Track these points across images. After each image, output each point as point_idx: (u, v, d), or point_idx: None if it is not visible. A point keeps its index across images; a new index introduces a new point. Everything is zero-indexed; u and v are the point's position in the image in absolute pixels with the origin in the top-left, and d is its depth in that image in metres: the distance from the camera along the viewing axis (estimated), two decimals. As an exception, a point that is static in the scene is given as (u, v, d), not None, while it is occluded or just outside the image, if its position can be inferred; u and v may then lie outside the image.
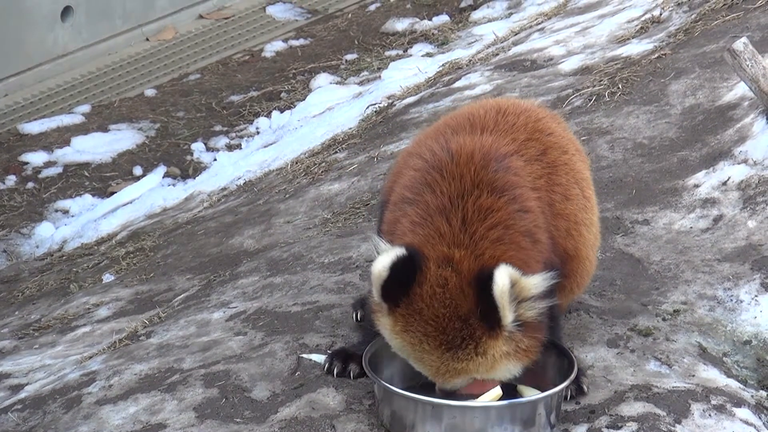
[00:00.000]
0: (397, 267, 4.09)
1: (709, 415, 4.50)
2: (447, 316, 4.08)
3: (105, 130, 9.61)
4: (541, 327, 4.19)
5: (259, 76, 10.31)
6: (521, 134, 4.46)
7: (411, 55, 10.06)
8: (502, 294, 4.00)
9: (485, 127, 4.44)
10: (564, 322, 4.88)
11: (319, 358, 4.74)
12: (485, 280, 4.02)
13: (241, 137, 9.40)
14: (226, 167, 8.51)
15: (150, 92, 10.13)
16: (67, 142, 9.43)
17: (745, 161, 5.74)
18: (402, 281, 4.11)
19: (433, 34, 10.49)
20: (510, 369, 4.19)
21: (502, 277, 4.00)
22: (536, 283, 4.08)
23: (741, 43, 5.70)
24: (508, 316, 4.04)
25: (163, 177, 8.94)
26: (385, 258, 4.09)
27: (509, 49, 8.02)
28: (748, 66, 5.69)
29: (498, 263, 4.03)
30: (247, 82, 10.21)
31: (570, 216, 4.49)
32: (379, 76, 9.43)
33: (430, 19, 10.76)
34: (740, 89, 6.18)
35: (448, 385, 4.20)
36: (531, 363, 4.23)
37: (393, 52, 10.31)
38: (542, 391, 4.36)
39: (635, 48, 7.19)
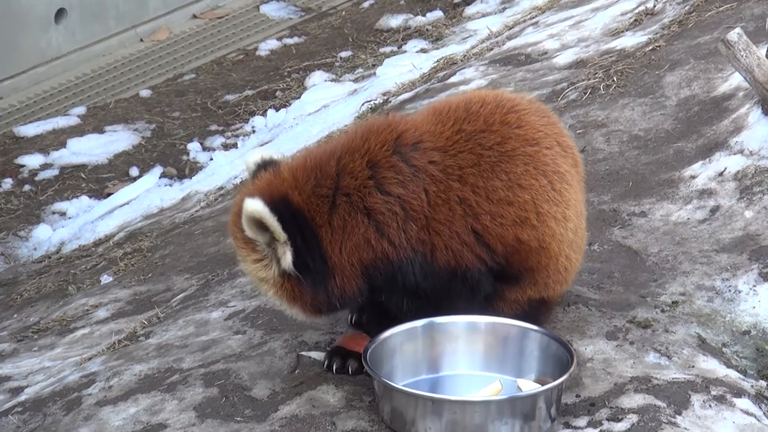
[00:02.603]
0: (262, 163, 4.68)
1: (709, 405, 4.50)
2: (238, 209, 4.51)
3: (101, 131, 9.61)
4: (309, 285, 4.44)
5: (254, 75, 10.30)
6: (476, 125, 4.56)
7: (405, 52, 10.05)
8: (244, 213, 4.39)
9: (439, 113, 4.63)
10: (563, 315, 4.89)
11: (319, 355, 4.74)
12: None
13: (237, 136, 9.39)
14: (222, 166, 8.51)
15: (145, 93, 10.12)
16: (63, 144, 9.42)
17: (741, 152, 5.75)
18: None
19: (427, 29, 10.48)
20: (275, 300, 4.52)
21: (251, 204, 4.39)
22: (275, 226, 4.38)
23: (735, 34, 5.70)
24: (246, 229, 4.42)
25: (160, 177, 8.93)
26: (265, 154, 4.74)
27: (503, 44, 8.02)
28: (742, 56, 5.69)
29: (277, 199, 4.41)
30: (242, 81, 10.21)
31: (524, 204, 4.51)
32: (374, 73, 9.42)
33: (424, 15, 10.76)
34: (735, 80, 6.18)
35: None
36: (308, 314, 4.53)
37: (387, 49, 10.30)
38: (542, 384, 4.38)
39: (629, 40, 7.19)
